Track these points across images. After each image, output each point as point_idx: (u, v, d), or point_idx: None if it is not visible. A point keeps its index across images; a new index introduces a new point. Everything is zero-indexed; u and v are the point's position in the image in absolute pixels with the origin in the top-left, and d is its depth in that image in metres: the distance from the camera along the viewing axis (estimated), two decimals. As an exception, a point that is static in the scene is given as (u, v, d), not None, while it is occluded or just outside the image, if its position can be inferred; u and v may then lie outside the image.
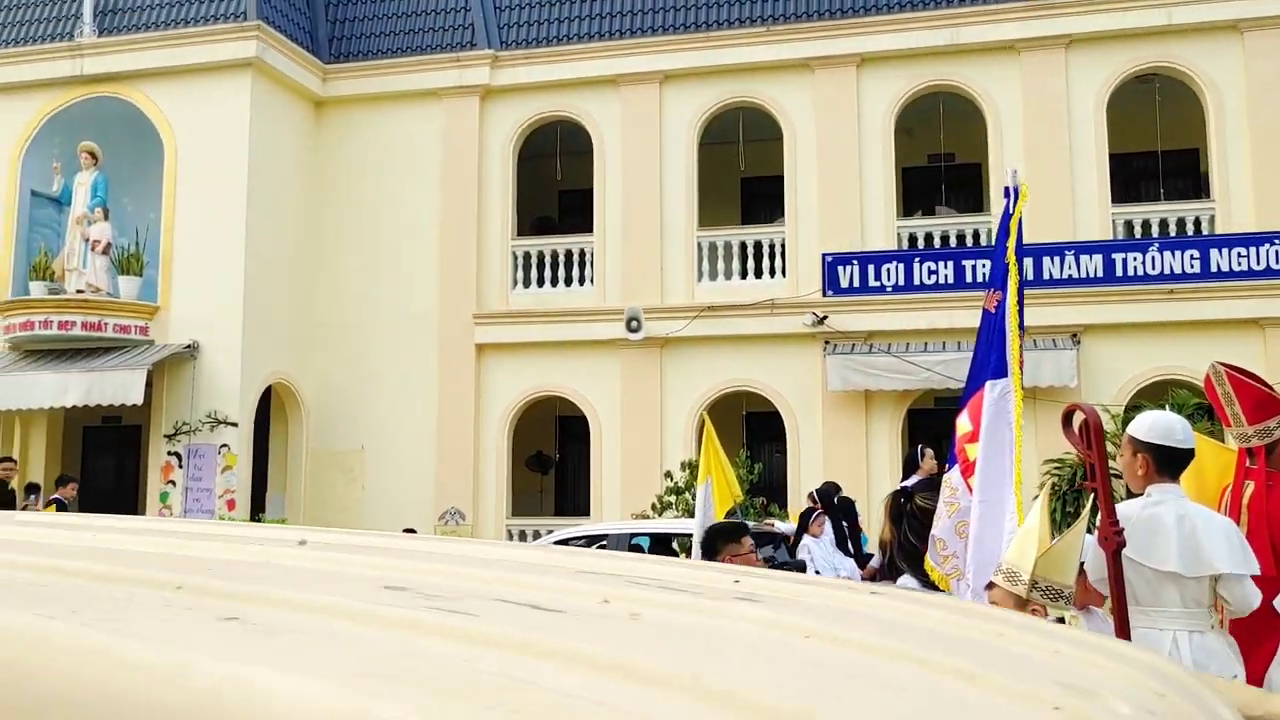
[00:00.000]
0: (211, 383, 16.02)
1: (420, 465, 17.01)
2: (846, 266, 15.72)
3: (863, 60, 16.21)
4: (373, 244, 17.66)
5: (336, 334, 17.59)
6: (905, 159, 16.91)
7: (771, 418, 16.41)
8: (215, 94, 16.57)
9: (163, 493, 16.07)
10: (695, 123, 16.73)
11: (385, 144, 17.81)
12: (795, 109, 16.39)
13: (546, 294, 17.07)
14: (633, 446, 16.27)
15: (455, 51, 17.57)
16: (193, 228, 16.38)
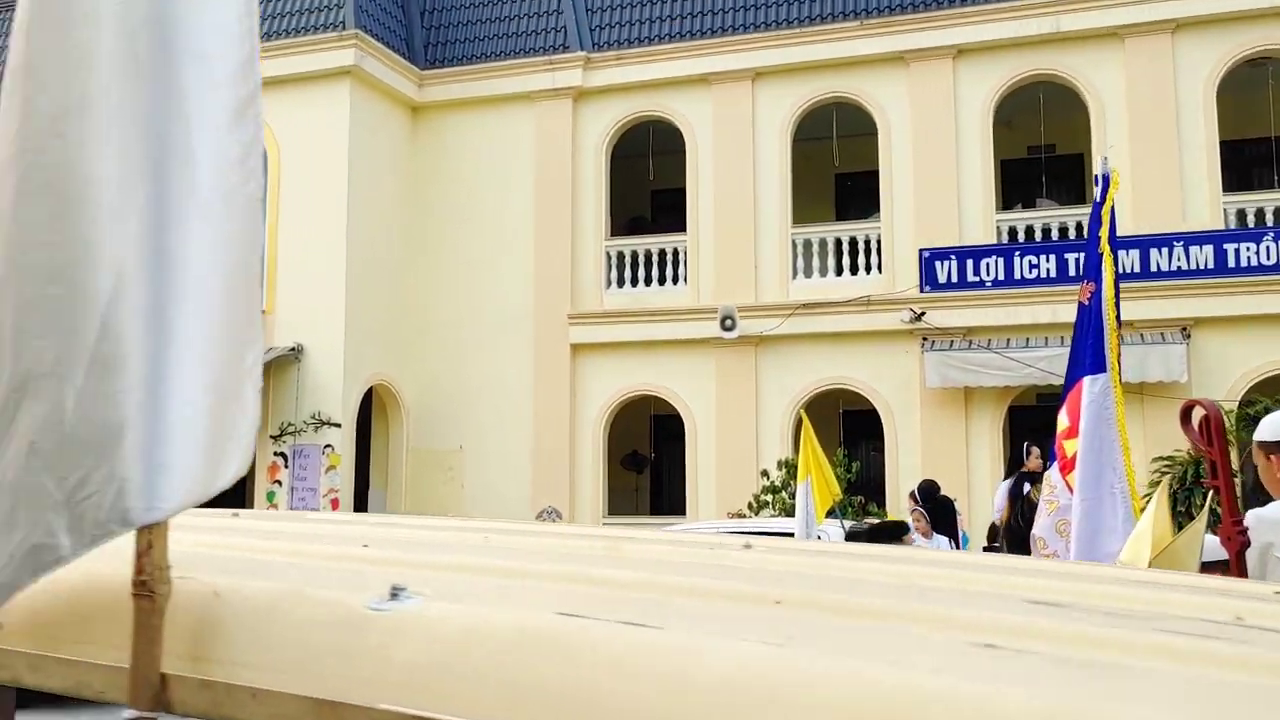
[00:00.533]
0: (316, 384, 16.39)
1: (517, 464, 17.19)
2: (944, 262, 15.47)
3: (959, 52, 15.94)
4: (469, 246, 17.90)
5: (435, 335, 17.87)
6: (1004, 151, 16.58)
7: (868, 416, 16.24)
8: (316, 103, 16.95)
9: (269, 492, 16.50)
10: (788, 119, 16.63)
11: (480, 147, 18.04)
12: (890, 103, 16.18)
13: (640, 293, 17.12)
14: (728, 445, 16.23)
15: (548, 54, 17.72)
16: (296, 234, 16.78)
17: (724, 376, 16.38)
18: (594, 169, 17.53)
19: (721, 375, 16.40)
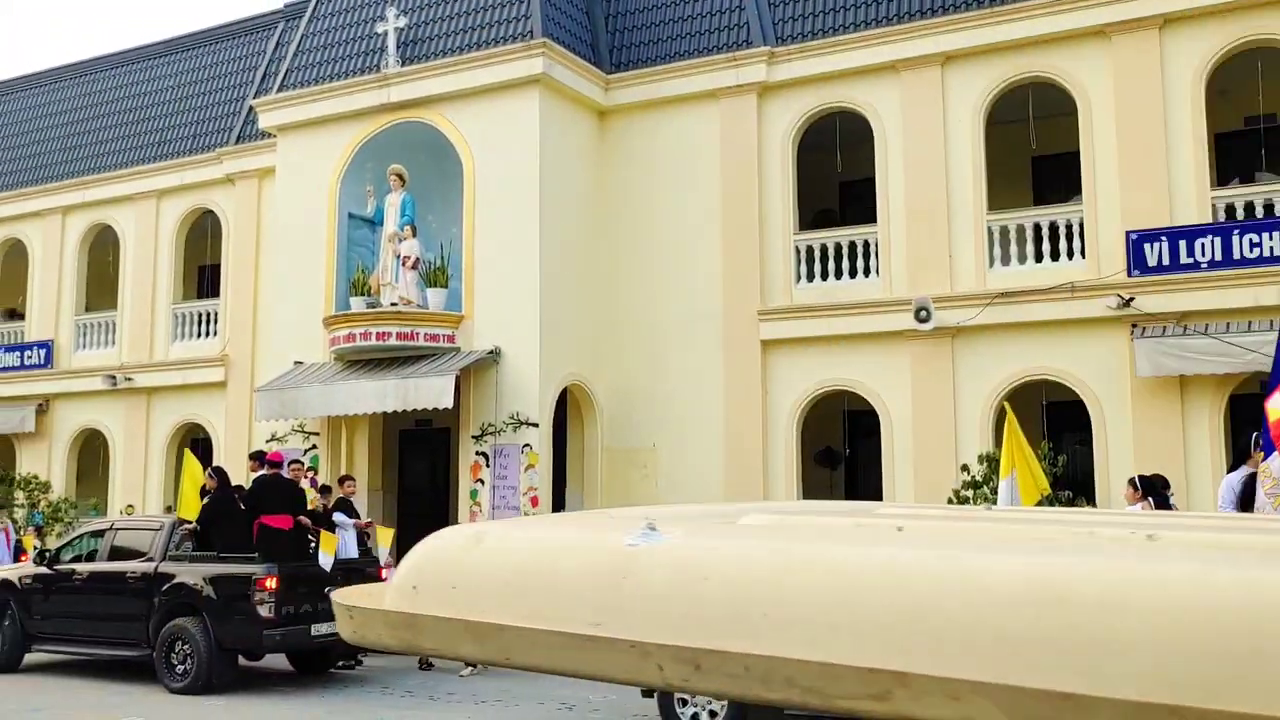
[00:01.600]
0: (513, 386, 16.86)
1: (710, 461, 17.25)
2: (1154, 244, 14.70)
3: (1165, 21, 15.11)
4: (658, 246, 18.07)
5: (626, 335, 18.11)
6: (1218, 124, 15.64)
7: (1074, 407, 15.58)
8: (507, 111, 17.43)
9: (472, 490, 17.05)
10: (981, 103, 16.12)
11: (666, 147, 18.18)
12: (1091, 79, 15.48)
13: (831, 287, 16.92)
14: (925, 440, 15.87)
15: (731, 51, 17.71)
16: (491, 240, 17.30)
17: (919, 369, 16.02)
18: (780, 163, 17.41)
19: (917, 368, 16.04)
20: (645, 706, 10.12)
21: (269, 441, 18.59)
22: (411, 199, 18.09)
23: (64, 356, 23.27)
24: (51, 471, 22.88)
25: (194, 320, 22.05)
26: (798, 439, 16.98)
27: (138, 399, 22.10)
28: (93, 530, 14.67)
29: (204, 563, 13.01)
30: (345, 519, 13.97)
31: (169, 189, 22.44)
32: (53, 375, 23.17)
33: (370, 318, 17.43)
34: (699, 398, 17.44)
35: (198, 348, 21.72)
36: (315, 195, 18.81)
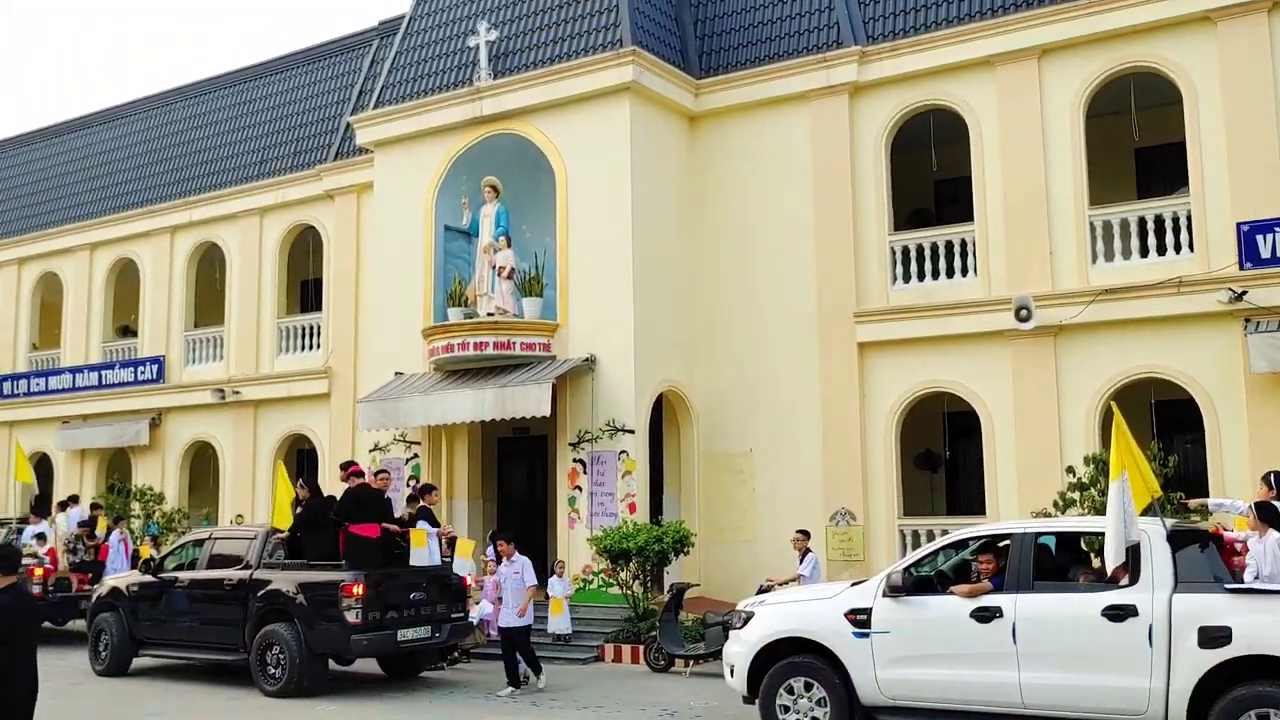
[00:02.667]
0: (609, 393, 16.93)
1: (808, 466, 17.12)
2: (1268, 235, 14.19)
3: (1275, 4, 14.60)
4: (751, 250, 18.00)
5: (721, 340, 18.08)
6: (1333, 109, 15.04)
7: (1183, 405, 15.11)
8: (598, 120, 17.54)
9: (570, 497, 17.17)
10: (1080, 95, 15.75)
11: (757, 151, 18.12)
12: (1196, 67, 15.02)
13: (928, 288, 16.68)
14: (1028, 441, 15.54)
15: (821, 52, 17.58)
16: (584, 248, 17.41)
17: (1021, 369, 15.70)
18: (873, 163, 17.23)
19: (1018, 368, 15.72)
20: (747, 712, 10.07)
21: (371, 451, 18.98)
22: (505, 210, 18.31)
23: (175, 371, 24.03)
24: (165, 483, 23.64)
25: (298, 334, 22.59)
26: (897, 442, 16.76)
27: (245, 411, 22.71)
28: (194, 539, 15.14)
29: (296, 570, 13.33)
30: (430, 528, 14.19)
31: (271, 206, 23.04)
32: (165, 390, 23.94)
33: (468, 328, 17.67)
34: (795, 402, 17.32)
35: (302, 361, 22.25)
36: (412, 209, 19.15)
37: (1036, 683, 8.36)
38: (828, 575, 15.46)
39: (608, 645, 15.44)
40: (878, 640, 9.06)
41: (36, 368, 26.64)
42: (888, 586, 9.15)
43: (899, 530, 16.45)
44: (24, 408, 26.29)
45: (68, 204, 26.96)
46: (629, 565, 15.54)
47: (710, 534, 17.68)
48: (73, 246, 26.22)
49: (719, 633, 12.67)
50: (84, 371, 25.37)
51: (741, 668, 9.72)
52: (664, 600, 14.94)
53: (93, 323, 25.83)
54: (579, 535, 16.84)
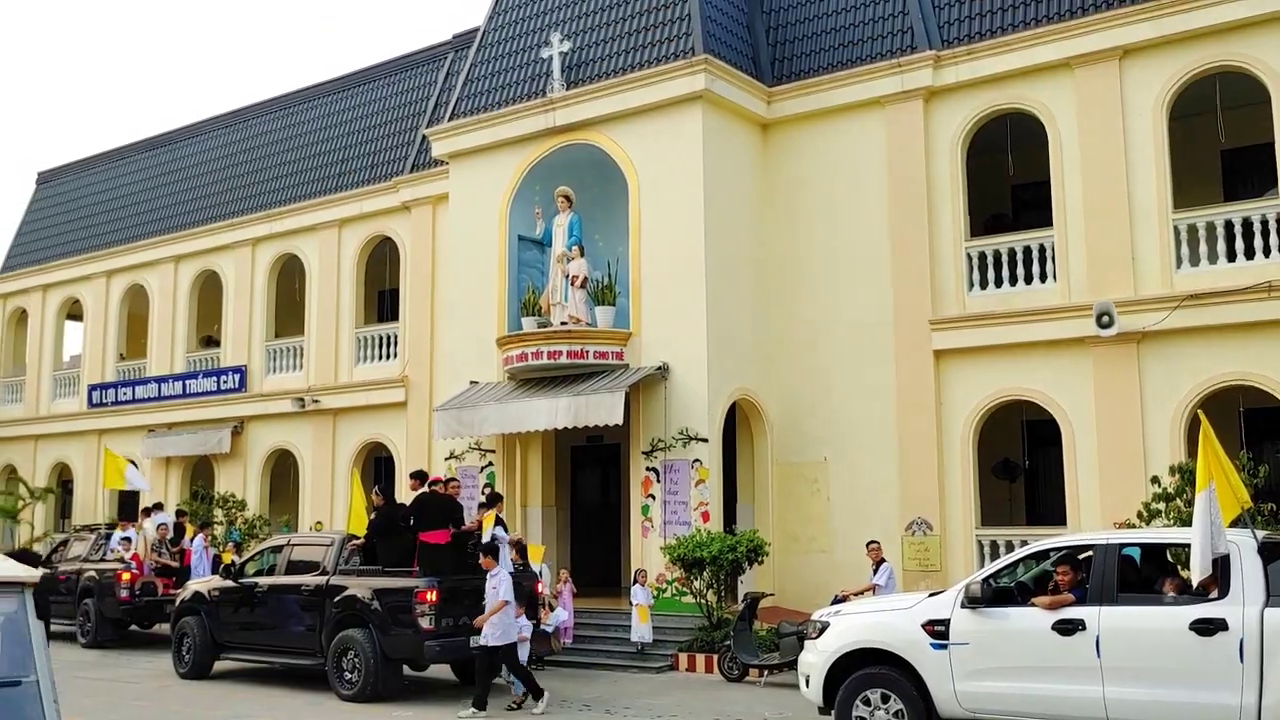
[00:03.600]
0: (682, 401, 16.92)
1: (883, 475, 16.94)
2: (1362, 237, 13.74)
3: (1367, 0, 14.16)
4: (824, 257, 17.88)
5: (794, 348, 17.97)
6: None
7: (1274, 413, 14.70)
8: (670, 129, 17.56)
9: (644, 505, 17.17)
10: (1163, 96, 15.39)
11: (830, 157, 18.00)
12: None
13: (1005, 294, 16.41)
14: (1110, 450, 15.20)
15: (895, 57, 17.41)
16: (657, 256, 17.43)
17: (1103, 377, 15.37)
18: (949, 169, 17.01)
19: (1100, 375, 15.40)
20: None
21: (447, 459, 19.17)
22: (579, 219, 18.41)
23: (256, 380, 24.52)
24: (247, 490, 24.12)
25: (375, 343, 22.92)
26: (974, 451, 16.51)
27: (324, 420, 23.09)
28: (272, 546, 15.42)
29: (370, 576, 13.51)
30: (503, 534, 14.29)
31: (349, 218, 23.43)
32: (246, 399, 24.44)
33: (541, 337, 17.78)
34: (870, 409, 17.15)
35: (379, 370, 22.57)
36: (486, 219, 19.34)
37: (1121, 698, 8.16)
38: (904, 585, 15.28)
39: (681, 654, 15.40)
40: (956, 652, 8.92)
41: (124, 377, 27.36)
42: (966, 597, 9.01)
43: (977, 540, 16.19)
44: (112, 416, 27.02)
45: (153, 218, 27.68)
46: (703, 574, 15.50)
47: (784, 543, 17.57)
48: (158, 259, 26.90)
49: (794, 642, 12.57)
50: (169, 381, 26.00)
51: (817, 678, 9.64)
52: (738, 609, 14.87)
53: (177, 333, 26.47)
54: (652, 544, 16.84)
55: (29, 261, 30.31)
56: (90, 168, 30.48)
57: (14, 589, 5.19)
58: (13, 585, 5.19)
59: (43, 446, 28.88)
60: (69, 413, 28.26)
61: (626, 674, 14.94)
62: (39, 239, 30.62)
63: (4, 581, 5.17)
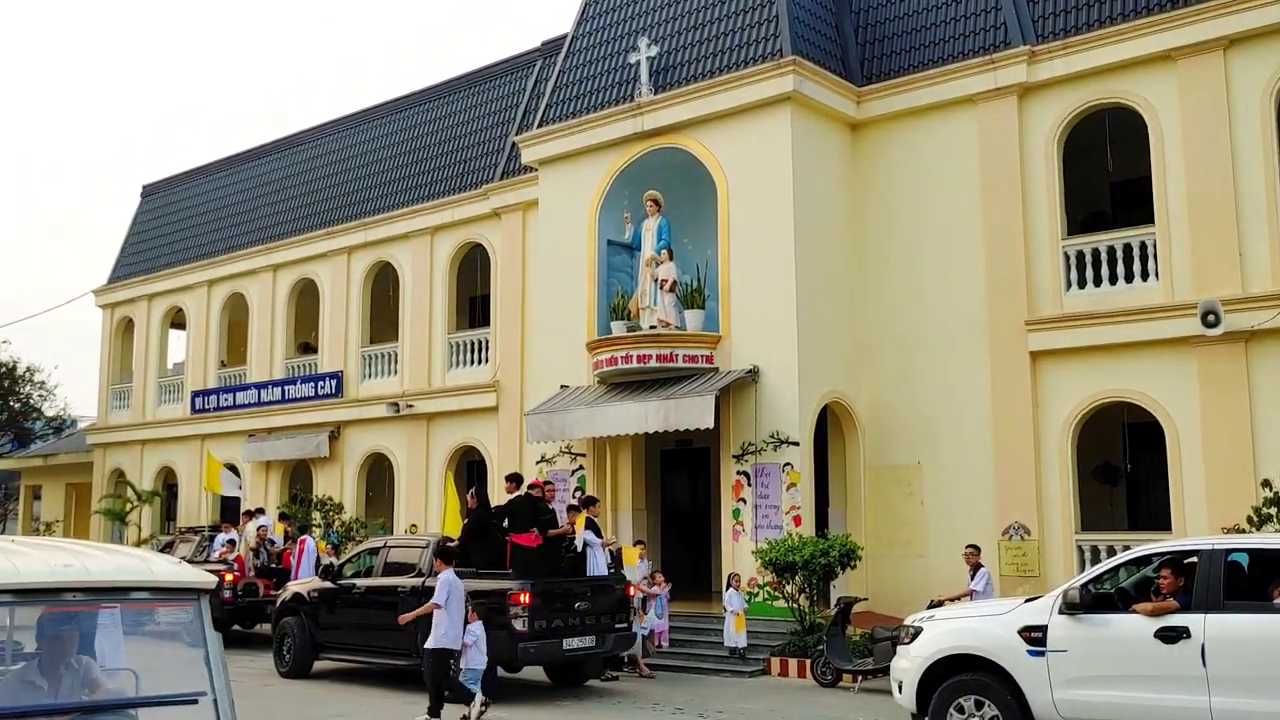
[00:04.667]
0: (772, 404, 16.82)
1: (979, 479, 16.63)
2: None
3: None
4: (915, 258, 17.64)
5: (886, 351, 17.76)
6: None
7: (1393, 415, 14.08)
8: (759, 131, 17.48)
9: (735, 509, 17.11)
10: (1271, 87, 14.86)
11: (921, 157, 17.76)
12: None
13: (1105, 293, 16.00)
14: (1218, 453, 14.72)
15: (988, 54, 17.11)
16: (746, 259, 17.36)
17: (1209, 377, 14.89)
18: (1044, 166, 16.65)
19: (1205, 376, 14.92)
20: (918, 731, 9.83)
21: (538, 463, 19.32)
22: (667, 223, 18.43)
23: (352, 386, 25.00)
24: (343, 493, 24.60)
25: (467, 349, 23.21)
26: (1073, 454, 16.12)
27: (418, 424, 23.45)
28: (369, 548, 15.68)
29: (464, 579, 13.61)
30: (594, 538, 14.33)
31: (441, 225, 23.77)
32: (343, 404, 24.94)
33: (631, 341, 17.82)
34: (964, 412, 16.86)
35: (471, 375, 22.85)
36: (575, 224, 19.46)
37: (1229, 708, 7.89)
38: (1001, 591, 14.97)
39: (773, 658, 15.30)
40: (1054, 659, 8.72)
41: (225, 384, 28.11)
42: (1065, 603, 8.80)
43: (1076, 545, 15.81)
44: (215, 421, 27.78)
45: (252, 228, 28.42)
46: (794, 578, 15.38)
47: (878, 548, 17.35)
48: (257, 268, 27.60)
49: (887, 648, 12.41)
50: (268, 387, 26.65)
51: (910, 684, 9.50)
52: (831, 614, 14.73)
53: (276, 340, 27.12)
54: (744, 548, 16.76)
55: (135, 272, 31.33)
56: (191, 181, 31.41)
57: (189, 596, 4.61)
58: (187, 592, 4.62)
59: (149, 451, 29.81)
60: (173, 418, 29.12)
61: (719, 678, 14.89)
62: (144, 251, 31.64)
63: (178, 587, 4.60)
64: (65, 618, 4.56)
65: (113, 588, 4.45)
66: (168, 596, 4.60)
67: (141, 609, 4.66)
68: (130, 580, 4.48)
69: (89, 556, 4.54)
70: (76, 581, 4.32)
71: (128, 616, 4.70)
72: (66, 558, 4.47)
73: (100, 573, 4.40)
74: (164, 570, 4.63)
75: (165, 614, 4.70)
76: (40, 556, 4.47)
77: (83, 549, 4.77)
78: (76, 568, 4.37)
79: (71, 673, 4.57)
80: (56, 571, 4.31)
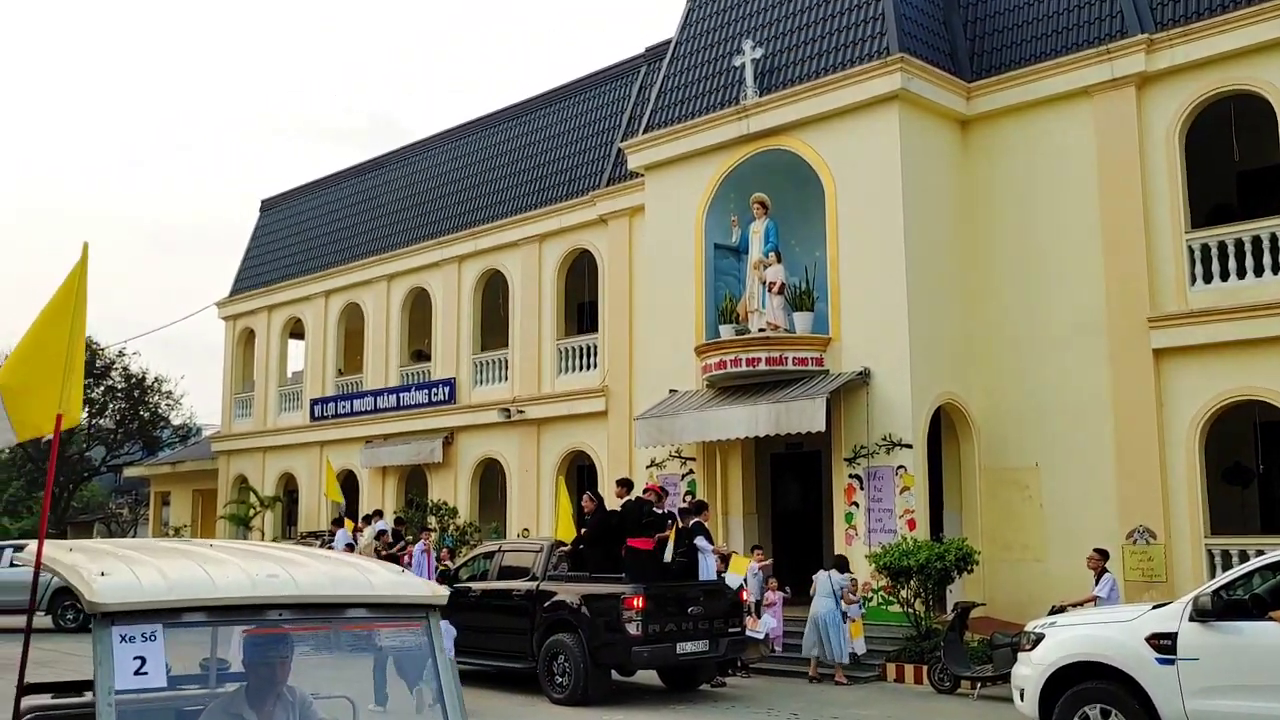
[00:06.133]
0: (884, 406, 16.60)
1: (1100, 480, 16.18)
2: None
3: None
4: (1029, 255, 17.25)
5: (1000, 350, 17.40)
6: None
7: None
8: (866, 131, 17.29)
9: (847, 514, 16.93)
10: None
11: (1034, 152, 17.36)
12: None
13: (1233, 288, 15.42)
14: (1357, 453, 14.08)
15: (1104, 43, 16.65)
16: (855, 260, 17.19)
17: (1346, 374, 14.25)
18: (1165, 157, 16.12)
19: (1342, 373, 14.28)
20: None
21: (648, 467, 19.39)
22: (775, 225, 18.34)
23: (464, 392, 25.42)
24: (457, 498, 25.01)
25: (576, 354, 23.42)
26: (1200, 455, 15.56)
27: (529, 429, 23.73)
28: (484, 552, 15.92)
29: (579, 582, 13.75)
30: (705, 544, 14.31)
31: (549, 233, 24.03)
32: (456, 410, 25.37)
33: (739, 344, 17.77)
34: (1084, 412, 16.41)
35: (580, 380, 23.04)
36: (682, 228, 19.49)
37: (1377, 720, 7.54)
38: (1126, 597, 14.53)
39: (889, 664, 15.09)
40: (1185, 668, 8.44)
41: (343, 391, 28.83)
42: (1195, 610, 8.52)
43: (1206, 550, 15.26)
44: (333, 428, 28.51)
45: (366, 239, 29.10)
46: (909, 583, 15.15)
47: (995, 552, 16.99)
48: (372, 279, 28.25)
49: (1007, 654, 12.14)
50: (384, 394, 27.25)
51: (1032, 692, 9.29)
52: (947, 619, 14.48)
53: (390, 348, 27.72)
54: (857, 552, 16.57)
55: (255, 284, 32.34)
56: (307, 194, 32.30)
57: (416, 613, 3.94)
58: (414, 608, 3.94)
59: (270, 458, 30.73)
60: (293, 425, 29.97)
61: (832, 684, 14.74)
62: (263, 263, 32.64)
63: (404, 603, 3.93)
64: (272, 640, 3.95)
65: (326, 603, 3.83)
66: (391, 614, 3.95)
67: (360, 630, 4.02)
68: (347, 595, 3.85)
69: (297, 565, 3.98)
70: (283, 597, 3.74)
71: (343, 638, 4.07)
72: (271, 566, 3.89)
73: (311, 585, 3.81)
74: (386, 582, 3.96)
75: (388, 635, 4.07)
76: (241, 566, 3.89)
77: (289, 555, 4.22)
78: (282, 579, 3.78)
79: (284, 706, 3.98)
80: (260, 584, 3.74)
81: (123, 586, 3.56)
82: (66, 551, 4.31)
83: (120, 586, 3.55)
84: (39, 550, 4.48)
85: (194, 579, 3.69)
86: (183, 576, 3.69)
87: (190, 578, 3.69)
